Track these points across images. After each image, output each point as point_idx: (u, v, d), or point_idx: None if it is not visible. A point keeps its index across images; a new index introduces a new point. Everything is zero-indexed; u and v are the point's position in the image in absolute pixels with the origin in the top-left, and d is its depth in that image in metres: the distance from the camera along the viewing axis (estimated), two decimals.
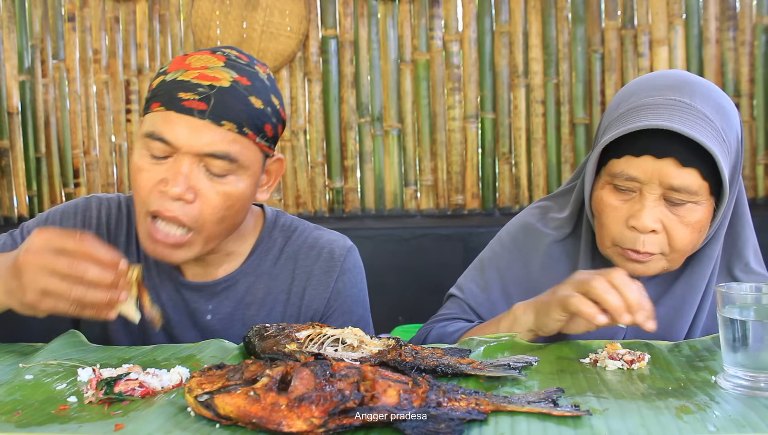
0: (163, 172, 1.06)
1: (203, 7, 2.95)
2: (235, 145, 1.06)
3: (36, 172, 3.15)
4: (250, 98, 1.07)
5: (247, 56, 1.12)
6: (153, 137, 1.05)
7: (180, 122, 1.04)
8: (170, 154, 1.06)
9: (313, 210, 3.01)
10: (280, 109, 1.14)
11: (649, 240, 1.09)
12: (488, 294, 1.29)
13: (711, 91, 1.10)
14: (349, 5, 2.93)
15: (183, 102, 1.04)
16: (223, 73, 1.06)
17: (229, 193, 1.08)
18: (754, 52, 2.75)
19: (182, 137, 1.04)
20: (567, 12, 2.84)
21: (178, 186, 1.04)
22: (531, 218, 1.31)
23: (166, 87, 1.06)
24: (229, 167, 1.07)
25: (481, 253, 1.35)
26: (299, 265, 1.26)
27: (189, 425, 0.74)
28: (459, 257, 2.81)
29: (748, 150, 2.79)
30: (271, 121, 1.11)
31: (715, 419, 0.74)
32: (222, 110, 1.04)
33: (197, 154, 1.05)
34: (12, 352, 1.07)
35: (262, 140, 1.11)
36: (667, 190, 1.07)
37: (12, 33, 3.12)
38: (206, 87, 1.04)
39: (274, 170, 1.19)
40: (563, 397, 0.81)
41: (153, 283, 1.22)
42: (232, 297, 1.23)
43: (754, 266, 1.21)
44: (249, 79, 1.08)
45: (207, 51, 1.10)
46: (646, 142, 1.06)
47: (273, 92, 1.12)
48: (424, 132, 2.93)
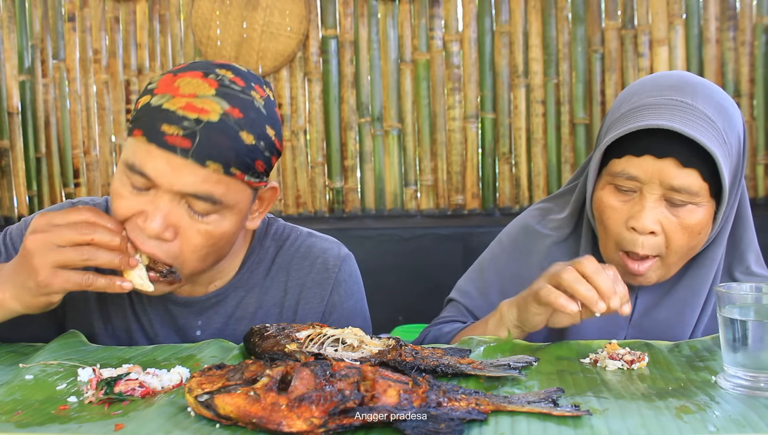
0: (142, 204, 0.99)
1: (203, 7, 2.95)
2: (219, 187, 0.98)
3: (36, 172, 3.16)
4: (241, 133, 0.97)
5: (244, 78, 1.01)
6: (133, 170, 0.97)
7: (161, 158, 0.95)
8: (151, 187, 0.98)
9: (313, 210, 3.01)
10: (276, 140, 1.03)
11: (648, 242, 1.09)
12: (487, 297, 1.28)
13: (714, 92, 1.10)
14: (349, 5, 2.94)
15: (166, 136, 0.95)
16: (213, 104, 0.96)
17: (212, 232, 1.01)
18: (754, 52, 2.75)
19: (162, 175, 0.96)
20: (567, 12, 2.84)
21: (156, 224, 0.97)
22: (531, 220, 1.31)
23: (151, 113, 0.97)
24: (213, 208, 0.99)
25: (480, 256, 1.35)
26: (291, 277, 1.21)
27: (189, 425, 0.74)
28: (459, 257, 2.82)
29: (748, 150, 2.77)
30: (264, 155, 1.01)
31: (715, 419, 0.74)
32: (207, 149, 0.95)
33: (178, 193, 0.97)
34: (12, 352, 1.07)
35: (252, 177, 1.01)
36: (668, 190, 1.06)
37: (12, 33, 3.13)
38: (192, 121, 0.94)
39: (267, 198, 1.12)
40: (563, 397, 0.81)
41: (140, 299, 1.18)
42: (222, 312, 1.19)
43: (755, 269, 1.20)
44: (242, 110, 0.97)
45: (199, 72, 0.99)
46: (646, 142, 1.06)
47: (269, 122, 1.02)
48: (424, 132, 2.93)
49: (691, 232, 1.09)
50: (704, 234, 1.11)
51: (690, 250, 1.13)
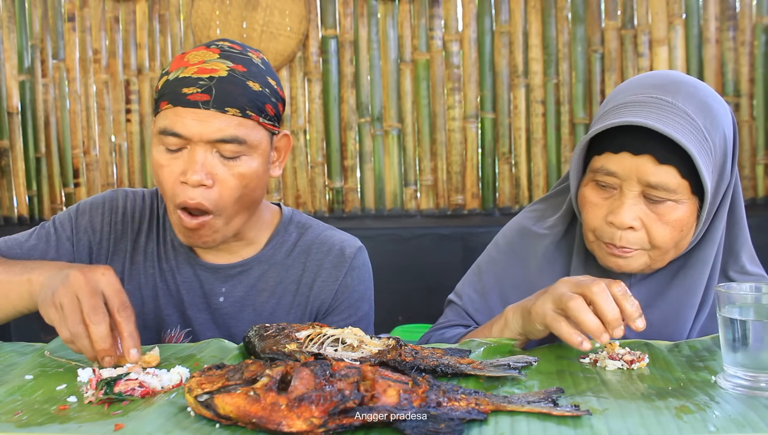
0: (181, 165, 1.14)
1: (203, 7, 2.95)
2: (241, 128, 1.13)
3: (36, 172, 3.16)
4: (248, 83, 1.14)
5: (240, 45, 1.19)
6: (166, 133, 1.13)
7: (188, 115, 1.12)
8: (184, 145, 1.14)
9: (313, 210, 3.01)
10: (278, 88, 1.20)
11: (626, 236, 1.09)
12: (486, 299, 1.29)
13: (698, 90, 1.10)
14: (349, 5, 2.94)
15: (188, 96, 1.11)
16: (220, 63, 1.13)
17: (244, 173, 1.15)
18: (754, 52, 2.75)
19: (192, 128, 1.12)
20: (567, 12, 2.84)
21: (197, 174, 1.12)
22: (526, 222, 1.32)
23: (170, 85, 1.14)
24: (240, 149, 1.14)
25: (478, 259, 1.36)
26: (311, 259, 1.32)
27: (189, 425, 0.74)
28: (459, 257, 2.82)
29: (748, 150, 2.79)
30: (271, 100, 1.18)
31: (715, 419, 0.74)
32: (224, 98, 1.12)
33: (208, 142, 1.12)
34: (12, 352, 1.07)
35: (266, 120, 1.17)
36: (646, 187, 1.07)
37: (12, 33, 3.13)
38: (206, 79, 1.12)
39: (282, 146, 1.26)
40: (563, 397, 0.81)
41: (170, 266, 1.30)
42: (245, 282, 1.29)
43: (750, 268, 1.20)
44: (244, 65, 1.15)
45: (202, 47, 1.17)
46: (624, 139, 1.07)
47: (269, 74, 1.19)
48: (424, 132, 2.93)
49: (672, 228, 1.09)
50: (687, 231, 1.11)
51: (676, 246, 1.12)
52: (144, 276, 1.30)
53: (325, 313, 1.30)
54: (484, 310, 1.28)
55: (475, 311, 1.29)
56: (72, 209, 1.33)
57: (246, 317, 1.28)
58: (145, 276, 1.30)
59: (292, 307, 1.29)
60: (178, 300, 1.29)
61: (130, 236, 1.31)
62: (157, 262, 1.30)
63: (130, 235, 1.31)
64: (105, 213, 1.32)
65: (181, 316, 1.29)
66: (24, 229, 1.36)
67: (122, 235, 1.31)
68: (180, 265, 1.30)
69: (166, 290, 1.29)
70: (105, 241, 1.30)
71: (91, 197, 1.36)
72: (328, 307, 1.30)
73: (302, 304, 1.30)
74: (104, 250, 1.30)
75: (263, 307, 1.29)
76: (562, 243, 1.26)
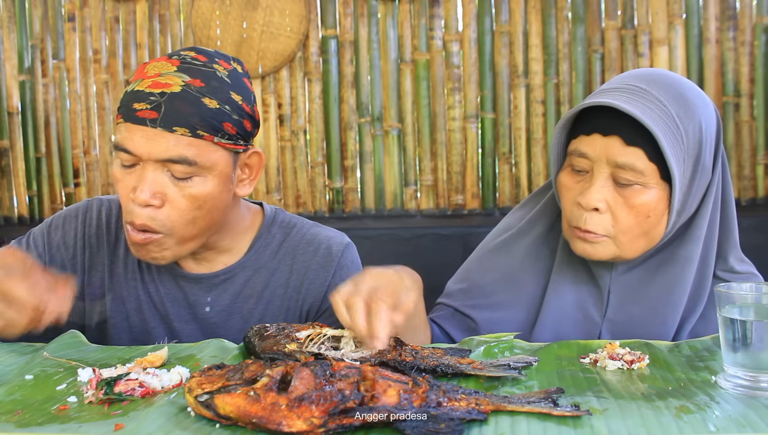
0: (133, 181, 1.11)
1: (203, 7, 2.95)
2: (191, 148, 1.08)
3: (36, 172, 3.16)
4: (204, 100, 1.08)
5: (207, 55, 1.13)
6: (118, 148, 1.10)
7: (137, 132, 1.08)
8: (137, 162, 1.10)
9: (313, 210, 3.01)
10: (244, 104, 1.13)
11: (591, 219, 1.11)
12: (472, 295, 1.30)
13: (677, 83, 1.11)
14: (349, 5, 2.94)
15: (137, 112, 1.08)
16: (174, 78, 1.08)
17: (195, 194, 1.11)
18: (754, 52, 2.75)
19: (140, 147, 1.08)
20: (567, 12, 2.84)
21: (144, 193, 1.08)
22: (513, 221, 1.33)
23: (126, 98, 1.11)
24: (191, 170, 1.09)
25: (466, 260, 1.38)
26: (297, 260, 1.28)
27: (189, 425, 0.74)
28: (459, 257, 2.80)
29: (748, 150, 2.79)
30: (232, 118, 1.11)
31: (715, 419, 0.74)
32: (172, 117, 1.07)
33: (158, 161, 1.08)
34: (12, 352, 1.07)
35: (223, 139, 1.11)
36: (615, 168, 1.08)
37: (12, 33, 3.13)
38: (157, 95, 1.07)
39: (253, 164, 1.20)
40: (563, 397, 0.81)
41: (153, 277, 1.26)
42: (231, 290, 1.26)
43: (738, 268, 1.21)
44: (203, 80, 1.09)
45: (165, 57, 1.12)
46: (595, 122, 1.10)
47: (234, 89, 1.12)
48: (424, 132, 2.93)
49: (638, 212, 1.09)
50: (656, 218, 1.10)
51: (646, 235, 1.12)
52: (126, 289, 1.26)
53: (315, 315, 1.27)
54: (470, 304, 1.30)
55: (464, 307, 1.30)
56: (46, 224, 1.30)
57: (234, 325, 1.25)
58: (128, 289, 1.26)
59: (281, 312, 1.26)
60: (163, 312, 1.25)
61: (107, 249, 1.27)
62: (139, 272, 1.26)
63: (107, 247, 1.27)
64: (78, 226, 1.28)
65: (168, 328, 1.26)
66: (24, 229, 1.36)
67: (98, 248, 1.27)
68: (162, 275, 1.26)
69: (150, 303, 1.26)
70: (79, 256, 1.26)
71: (66, 209, 1.31)
72: (318, 309, 1.27)
73: (292, 307, 1.26)
74: (79, 265, 1.26)
75: (251, 314, 1.25)
76: (547, 238, 1.27)
